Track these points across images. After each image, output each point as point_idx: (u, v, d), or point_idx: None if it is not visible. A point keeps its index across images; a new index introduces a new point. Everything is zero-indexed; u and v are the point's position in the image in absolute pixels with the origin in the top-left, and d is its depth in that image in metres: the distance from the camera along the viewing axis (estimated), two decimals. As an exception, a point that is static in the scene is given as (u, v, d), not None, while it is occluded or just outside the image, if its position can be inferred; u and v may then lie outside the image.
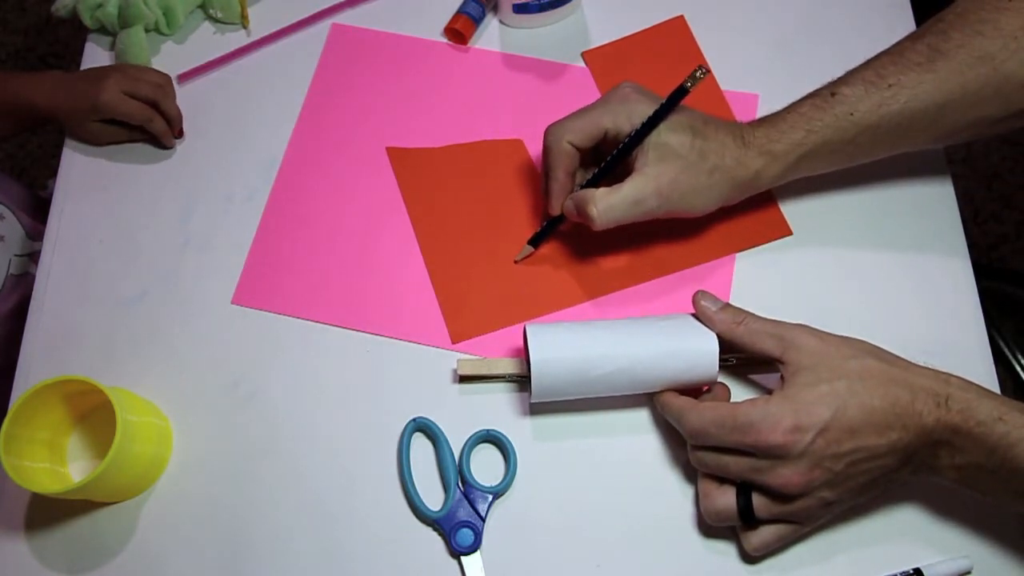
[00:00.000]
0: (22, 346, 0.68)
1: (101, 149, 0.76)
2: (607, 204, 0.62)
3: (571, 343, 0.59)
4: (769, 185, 0.65)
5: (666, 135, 0.61)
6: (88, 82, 0.73)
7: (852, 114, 0.61)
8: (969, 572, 0.58)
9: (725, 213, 0.69)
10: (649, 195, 0.61)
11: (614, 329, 0.60)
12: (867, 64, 0.62)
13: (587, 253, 0.69)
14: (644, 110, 0.62)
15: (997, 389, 0.62)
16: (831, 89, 0.62)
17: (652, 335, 0.59)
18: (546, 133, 0.64)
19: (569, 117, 0.64)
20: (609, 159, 0.63)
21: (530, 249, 0.68)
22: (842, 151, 0.63)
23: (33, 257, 0.86)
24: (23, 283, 0.84)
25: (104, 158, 0.75)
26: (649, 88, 0.65)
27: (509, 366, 0.64)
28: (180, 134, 0.75)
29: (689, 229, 0.69)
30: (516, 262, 0.69)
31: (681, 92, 0.62)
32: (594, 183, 0.64)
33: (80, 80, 0.74)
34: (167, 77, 0.76)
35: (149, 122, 0.73)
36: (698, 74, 0.61)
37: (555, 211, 0.66)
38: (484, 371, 0.64)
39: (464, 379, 0.65)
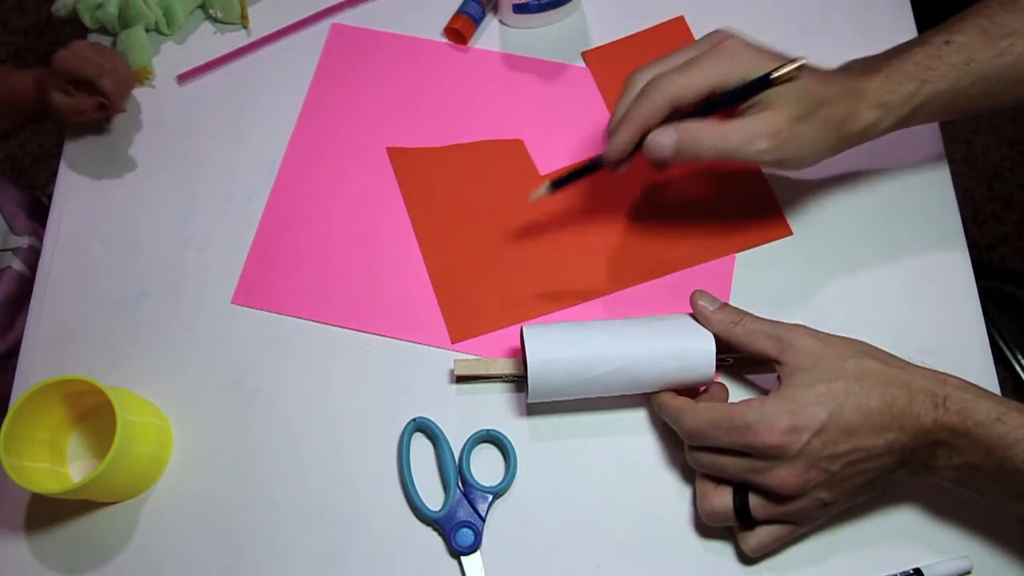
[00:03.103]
0: (22, 346, 0.68)
1: (101, 149, 0.76)
2: (722, 132, 0.57)
3: (567, 344, 0.59)
4: (876, 137, 0.62)
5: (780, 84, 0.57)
6: None
7: (968, 63, 0.58)
8: (969, 572, 0.58)
9: (725, 213, 0.69)
10: (761, 136, 0.57)
11: (611, 330, 0.60)
12: (973, 10, 0.59)
13: (587, 253, 0.69)
14: (751, 69, 0.57)
15: (997, 389, 0.62)
16: (944, 36, 0.59)
17: (649, 335, 0.59)
18: (649, 83, 0.58)
19: (674, 72, 0.58)
20: (703, 110, 0.59)
21: (548, 190, 0.63)
22: (954, 103, 0.60)
23: (17, 252, 0.85)
24: (5, 277, 0.84)
25: (104, 159, 0.76)
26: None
27: (506, 366, 0.64)
28: (119, 108, 0.73)
29: (689, 229, 0.69)
30: (529, 201, 0.64)
31: (771, 81, 0.57)
32: None
33: None
34: (118, 56, 0.75)
35: (99, 77, 0.71)
36: (797, 62, 0.57)
37: (613, 156, 0.60)
38: (481, 371, 0.64)
39: (461, 379, 0.65)
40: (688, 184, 0.71)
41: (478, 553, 0.60)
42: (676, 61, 0.60)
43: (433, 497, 0.62)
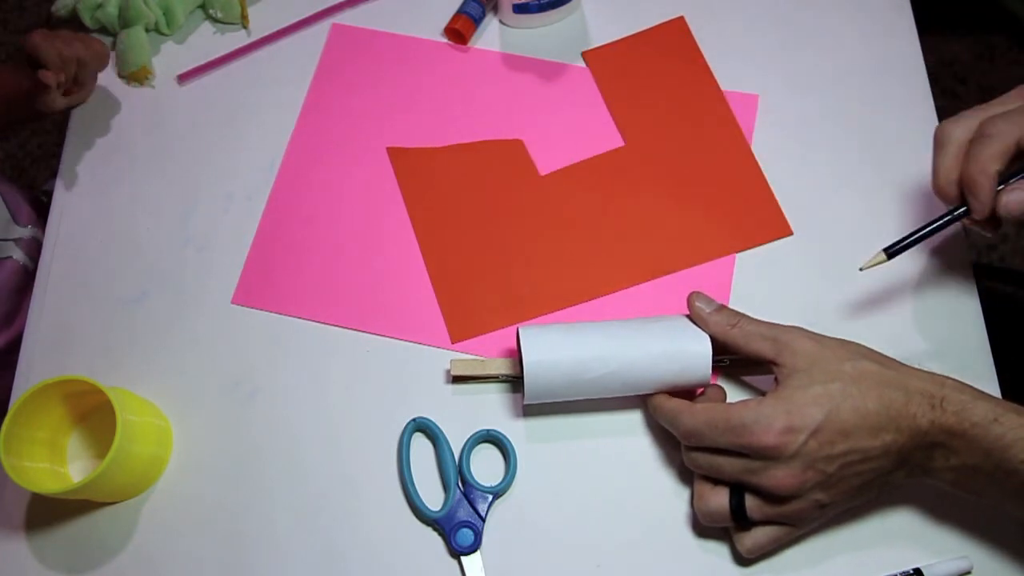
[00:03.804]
0: (22, 346, 0.68)
1: (101, 149, 0.76)
2: None
3: (564, 345, 0.59)
4: None
5: None
6: None
7: None
8: (969, 572, 0.58)
9: (725, 213, 0.68)
10: None
11: (607, 331, 0.60)
12: None
13: (586, 253, 0.69)
14: None
15: (997, 390, 0.62)
16: None
17: (645, 337, 0.59)
18: (985, 127, 0.56)
19: (1013, 114, 0.56)
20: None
21: (882, 257, 0.60)
22: None
23: (19, 243, 0.85)
24: (5, 267, 0.84)
25: (104, 159, 0.76)
26: (649, 88, 0.64)
27: (502, 366, 0.64)
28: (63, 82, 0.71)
29: (689, 229, 0.69)
30: (861, 270, 0.61)
31: None
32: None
33: None
34: (85, 41, 0.74)
35: (47, 58, 0.70)
36: None
37: (983, 212, 0.57)
38: (477, 371, 0.64)
39: (457, 379, 0.65)
40: (688, 184, 0.71)
41: (478, 553, 0.60)
42: (998, 109, 0.57)
43: (433, 497, 0.62)
